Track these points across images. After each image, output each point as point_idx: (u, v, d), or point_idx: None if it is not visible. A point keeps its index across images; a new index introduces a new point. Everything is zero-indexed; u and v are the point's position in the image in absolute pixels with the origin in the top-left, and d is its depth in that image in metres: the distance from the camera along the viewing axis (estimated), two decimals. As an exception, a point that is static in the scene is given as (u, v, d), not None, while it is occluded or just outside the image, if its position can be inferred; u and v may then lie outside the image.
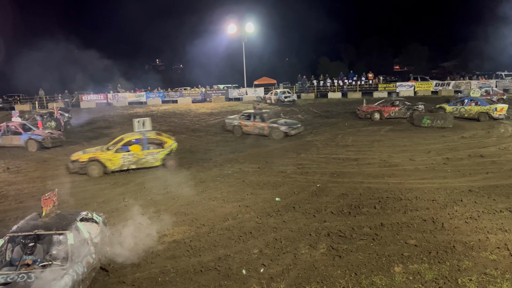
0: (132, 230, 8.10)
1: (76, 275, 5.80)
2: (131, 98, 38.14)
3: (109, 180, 12.35)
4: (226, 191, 10.96)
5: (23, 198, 10.97)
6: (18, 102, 37.44)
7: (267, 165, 13.56)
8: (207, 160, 14.66)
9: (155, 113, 29.60)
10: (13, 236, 6.32)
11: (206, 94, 38.87)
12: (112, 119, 27.15)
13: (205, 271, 6.83)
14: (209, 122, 24.43)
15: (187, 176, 12.48)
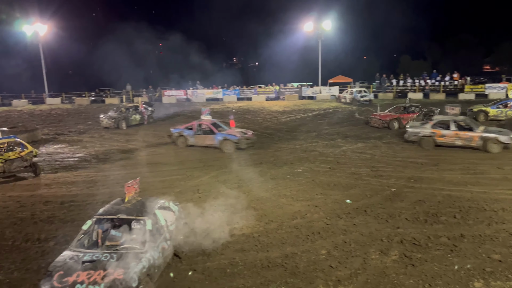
0: (204, 221, 8.44)
1: (152, 259, 6.21)
2: (208, 95, 39.60)
3: (185, 172, 12.96)
4: (296, 189, 10.95)
5: (109, 184, 11.95)
6: (108, 96, 40.71)
7: (339, 165, 13.30)
8: (278, 157, 14.76)
9: (230, 110, 30.44)
10: (100, 218, 6.93)
11: (279, 92, 39.06)
12: (191, 115, 28.41)
13: (272, 267, 6.91)
14: (281, 120, 24.54)
15: (258, 172, 12.69)
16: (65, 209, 9.93)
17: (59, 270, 5.76)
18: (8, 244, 8.02)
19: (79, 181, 12.41)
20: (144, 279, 5.80)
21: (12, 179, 12.82)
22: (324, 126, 21.61)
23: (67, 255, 6.13)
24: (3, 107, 36.21)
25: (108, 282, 5.48)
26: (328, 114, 26.66)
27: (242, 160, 14.38)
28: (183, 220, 8.10)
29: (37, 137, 18.94)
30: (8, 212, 9.81)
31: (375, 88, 38.26)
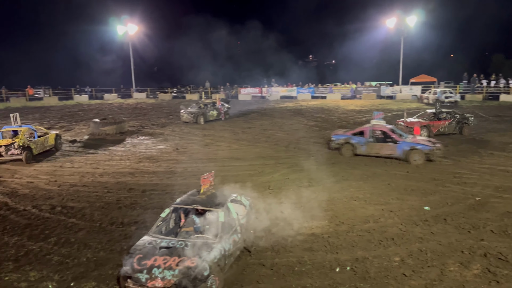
0: (274, 217, 8.54)
1: (223, 250, 6.43)
2: (283, 93, 39.78)
3: (257, 168, 13.18)
4: (369, 192, 10.60)
5: (187, 176, 12.57)
6: (189, 92, 42.74)
7: (418, 170, 12.60)
8: (352, 158, 14.36)
9: (303, 108, 30.29)
10: (177, 207, 7.33)
11: (356, 91, 37.99)
12: (264, 112, 28.79)
13: (341, 269, 6.78)
14: (357, 119, 23.84)
15: (331, 172, 12.48)
16: (146, 197, 10.65)
17: (139, 253, 6.21)
18: (96, 226, 8.81)
19: (160, 171, 13.22)
20: (215, 268, 6.02)
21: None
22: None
23: (146, 240, 6.59)
24: (96, 100, 39.73)
25: (182, 269, 5.79)
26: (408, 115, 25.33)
27: (315, 159, 14.25)
28: (254, 215, 8.26)
29: (124, 129, 20.50)
30: (97, 196, 10.78)
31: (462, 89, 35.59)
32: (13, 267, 7.05)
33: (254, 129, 21.35)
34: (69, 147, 17.48)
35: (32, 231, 8.57)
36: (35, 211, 9.70)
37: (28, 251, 7.65)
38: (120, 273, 6.06)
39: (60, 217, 9.30)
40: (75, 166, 14.05)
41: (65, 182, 12.08)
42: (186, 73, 44.39)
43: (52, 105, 34.89)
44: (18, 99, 38.07)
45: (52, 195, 10.92)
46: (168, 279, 5.71)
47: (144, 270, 5.87)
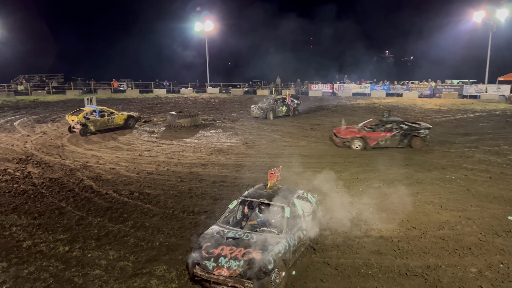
0: (341, 217, 8.39)
1: (288, 245, 6.46)
2: (355, 90, 38.66)
3: (325, 166, 13.00)
4: (446, 198, 9.96)
5: (254, 170, 12.79)
6: (260, 87, 43.29)
7: (503, 176, 11.58)
8: (427, 160, 13.60)
9: (377, 106, 29.21)
10: (244, 199, 7.51)
11: (435, 89, 35.73)
12: (335, 109, 28.24)
13: (410, 276, 6.49)
14: (435, 120, 22.45)
15: (403, 174, 11.94)
16: (216, 188, 11.03)
17: (207, 241, 6.47)
18: (169, 213, 9.32)
19: (229, 164, 13.60)
20: (279, 263, 6.09)
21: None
22: (487, 130, 19.02)
23: (214, 229, 6.84)
24: (173, 94, 41.77)
25: (247, 260, 5.93)
26: (494, 116, 23.32)
27: (386, 160, 13.70)
28: (320, 213, 8.18)
29: (198, 122, 21.36)
30: (171, 185, 11.38)
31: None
32: (95, 245, 7.73)
33: (324, 126, 21.06)
34: (147, 136, 18.64)
35: (112, 213, 9.31)
36: (116, 195, 10.51)
37: (108, 231, 8.33)
38: (189, 259, 6.37)
39: (137, 202, 9.99)
40: (152, 155, 14.96)
41: (142, 170, 12.92)
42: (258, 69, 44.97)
43: (133, 98, 37.37)
44: (104, 91, 41.45)
45: (131, 181, 11.74)
46: (233, 269, 5.89)
47: (212, 258, 6.10)
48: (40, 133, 19.22)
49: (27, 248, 7.59)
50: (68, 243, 7.77)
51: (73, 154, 15.09)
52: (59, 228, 8.49)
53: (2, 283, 6.38)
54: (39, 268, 6.85)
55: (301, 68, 44.64)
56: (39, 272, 6.73)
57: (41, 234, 8.20)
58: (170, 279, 6.51)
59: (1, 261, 7.07)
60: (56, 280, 6.51)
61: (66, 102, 32.52)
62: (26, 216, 9.14)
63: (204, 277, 6.04)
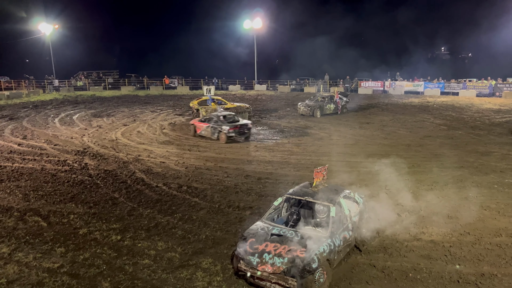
0: (389, 218, 8.14)
1: (333, 245, 6.37)
2: (407, 88, 37.25)
3: (373, 166, 12.64)
4: (504, 203, 9.36)
5: (300, 167, 12.71)
6: (307, 85, 42.89)
7: None
8: (484, 162, 12.84)
9: (430, 105, 27.98)
10: (289, 197, 7.49)
11: (496, 88, 33.59)
12: (385, 107, 27.39)
13: (462, 283, 6.18)
14: (494, 120, 21.13)
15: (458, 177, 11.37)
16: (261, 184, 11.10)
17: (252, 237, 6.53)
18: (215, 207, 9.51)
19: (275, 161, 13.62)
20: (323, 262, 6.02)
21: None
22: (553, 132, 17.64)
23: (259, 225, 6.89)
24: (222, 91, 42.39)
25: (292, 258, 5.92)
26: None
27: (439, 161, 13.11)
28: (367, 214, 7.99)
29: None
30: (218, 180, 11.60)
31: None
32: (145, 235, 8.05)
33: (373, 125, 20.50)
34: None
35: (162, 205, 9.65)
36: (165, 188, 10.87)
37: (157, 223, 8.64)
38: (234, 253, 6.46)
39: (185, 196, 10.28)
40: (200, 151, 15.31)
41: (191, 164, 13.27)
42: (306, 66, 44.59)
43: (184, 94, 38.41)
44: (156, 87, 42.95)
45: (180, 175, 12.10)
46: (277, 265, 5.90)
47: (256, 254, 6.15)
48: (96, 127, 20.29)
49: (83, 235, 8.06)
50: (120, 232, 8.15)
51: (126, 148, 15.79)
52: (112, 218, 8.92)
53: (60, 267, 6.82)
54: (94, 255, 7.25)
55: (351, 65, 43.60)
56: (93, 259, 7.12)
57: (95, 222, 8.67)
58: (215, 272, 6.64)
59: (60, 247, 7.56)
60: (108, 267, 6.85)
61: (120, 98, 34.05)
62: (83, 205, 9.70)
63: (248, 272, 6.11)
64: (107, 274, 6.64)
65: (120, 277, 6.53)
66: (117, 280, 6.46)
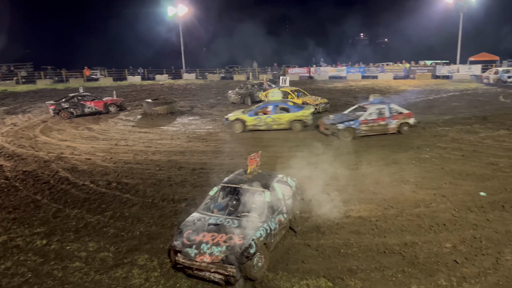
0: (321, 199, 8.50)
1: (269, 229, 6.52)
2: (331, 73, 38.89)
3: (304, 149, 13.10)
4: (421, 176, 10.22)
5: (234, 156, 12.77)
6: (236, 73, 42.98)
7: (475, 154, 11.95)
8: (403, 140, 13.88)
9: (353, 89, 29.52)
10: (224, 186, 7.50)
11: (410, 70, 36.32)
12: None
13: (388, 253, 6.66)
14: (410, 100, 22.85)
15: (380, 155, 12.16)
16: (196, 175, 10.98)
17: (189, 229, 6.45)
18: (149, 202, 9.23)
19: (208, 151, 13.53)
20: (261, 247, 6.14)
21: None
22: (459, 109, 19.52)
23: (195, 216, 6.82)
24: (149, 81, 41.03)
25: (230, 245, 5.96)
26: (466, 96, 23.95)
27: (363, 142, 13.92)
28: (300, 196, 8.27)
29: (175, 109, 21.07)
30: (150, 174, 11.25)
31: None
32: (73, 237, 7.60)
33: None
34: (123, 125, 18.29)
35: (90, 204, 9.15)
36: (93, 186, 10.32)
37: (87, 223, 8.19)
38: (170, 247, 6.34)
39: (116, 192, 9.85)
40: (129, 144, 14.71)
41: (120, 159, 12.71)
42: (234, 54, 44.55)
43: (107, 86, 36.52)
44: (76, 80, 40.25)
45: (108, 171, 11.55)
46: (216, 254, 5.90)
47: (193, 245, 6.10)
48: (10, 125, 18.60)
49: (2, 243, 7.40)
50: (46, 236, 7.61)
51: (46, 146, 14.69)
52: (36, 222, 8.29)
53: (-22, 280, 6.22)
54: (17, 263, 6.70)
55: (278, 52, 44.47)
56: (16, 267, 6.58)
57: (16, 228, 8.00)
58: (152, 268, 6.48)
59: (-24, 258, 6.88)
60: (34, 274, 6.38)
61: (37, 92, 31.51)
62: (0, 210, 8.89)
63: (187, 264, 6.04)
64: (33, 282, 6.18)
65: (48, 284, 6.12)
66: (45, 287, 6.05)
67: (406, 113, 14.92)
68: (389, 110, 14.65)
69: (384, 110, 14.62)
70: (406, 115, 14.84)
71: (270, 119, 16.10)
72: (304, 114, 16.07)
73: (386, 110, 14.62)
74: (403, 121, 14.74)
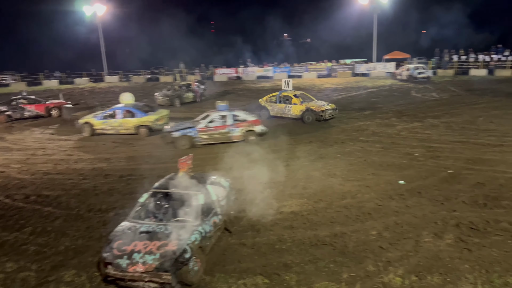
0: (254, 197, 8.59)
1: (204, 232, 6.45)
2: (259, 73, 39.52)
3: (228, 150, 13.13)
4: (347, 169, 10.78)
5: (165, 159, 12.43)
6: (163, 74, 41.91)
7: (393, 145, 12.88)
8: (328, 136, 14.53)
9: (280, 88, 30.23)
10: (155, 191, 7.27)
11: (332, 69, 38.13)
12: (241, 93, 28.61)
13: (320, 245, 6.93)
14: (333, 97, 24.01)
15: (308, 151, 12.60)
16: (124, 182, 10.51)
17: (119, 239, 6.16)
18: (73, 213, 8.65)
19: (137, 156, 13.03)
20: (196, 251, 6.04)
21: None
22: (378, 105, 20.92)
23: (125, 226, 6.53)
24: (67, 85, 38.49)
25: (163, 252, 5.79)
26: (383, 92, 25.72)
27: (292, 139, 14.33)
28: (233, 196, 8.29)
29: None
30: (73, 184, 10.56)
31: (434, 64, 36.20)
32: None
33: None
34: (41, 133, 16.96)
35: (6, 221, 8.36)
36: (8, 201, 9.44)
37: (3, 242, 7.47)
38: (100, 259, 6.01)
39: (35, 206, 9.09)
40: (48, 154, 13.68)
41: (38, 170, 11.77)
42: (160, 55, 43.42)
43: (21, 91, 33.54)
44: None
45: (26, 184, 10.64)
46: (149, 263, 5.70)
47: (125, 255, 5.84)
48: None
49: None
50: (-47, 262, 6.80)
51: (-51, 160, 13.14)
52: None
53: None
54: None
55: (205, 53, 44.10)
56: None
57: None
58: (81, 283, 6.08)
59: None
60: None
61: None
62: None
63: (119, 276, 5.76)
64: None
65: (-42, 315, 5.48)
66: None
67: (251, 121, 14.14)
68: (232, 117, 14.02)
69: (226, 118, 14.02)
70: (251, 123, 14.06)
71: (117, 123, 15.88)
72: (149, 120, 15.79)
73: (228, 118, 14.00)
74: (248, 129, 13.98)
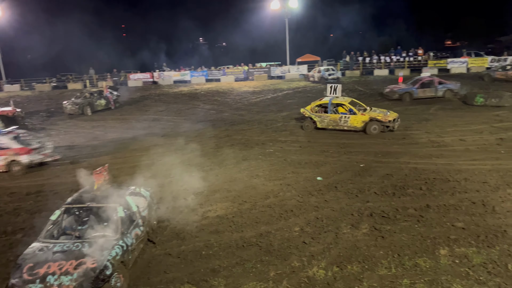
0: (177, 205, 8.42)
1: (125, 245, 6.14)
2: (176, 77, 38.78)
3: (156, 157, 12.76)
4: (268, 169, 11.04)
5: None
6: (71, 81, 39.17)
7: (309, 144, 13.47)
8: (249, 138, 14.77)
9: (198, 92, 30.04)
10: (68, 207, 6.76)
11: (248, 72, 38.80)
12: (158, 98, 27.85)
13: (247, 246, 6.99)
14: (251, 100, 24.47)
15: (230, 154, 12.67)
16: (31, 200, 9.64)
17: (29, 262, 5.62)
18: (-27, 239, 7.71)
19: (45, 170, 12.00)
20: (118, 266, 5.74)
21: None
22: (293, 106, 21.70)
23: (36, 247, 5.98)
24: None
25: (81, 271, 5.40)
26: (298, 93, 26.78)
27: (214, 143, 14.31)
28: (155, 205, 8.03)
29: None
30: (-30, 206, 9.41)
31: (342, 66, 38.64)
32: None
33: (149, 116, 20.55)
34: None
35: None
36: None
37: None
38: (8, 287, 5.42)
39: None
40: None
41: None
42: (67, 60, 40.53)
43: None
44: None
45: None
46: (66, 284, 5.29)
47: (37, 279, 5.34)
48: None
49: None
50: None
51: None
52: None
53: None
54: None
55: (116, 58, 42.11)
56: None
57: None
58: (-15, 317, 5.44)
59: None
60: None
61: None
62: None
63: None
64: None
65: None
66: None
67: (16, 149, 11.75)
68: None
69: None
70: (17, 151, 11.72)
71: None
72: None
73: None
74: (12, 158, 11.70)
